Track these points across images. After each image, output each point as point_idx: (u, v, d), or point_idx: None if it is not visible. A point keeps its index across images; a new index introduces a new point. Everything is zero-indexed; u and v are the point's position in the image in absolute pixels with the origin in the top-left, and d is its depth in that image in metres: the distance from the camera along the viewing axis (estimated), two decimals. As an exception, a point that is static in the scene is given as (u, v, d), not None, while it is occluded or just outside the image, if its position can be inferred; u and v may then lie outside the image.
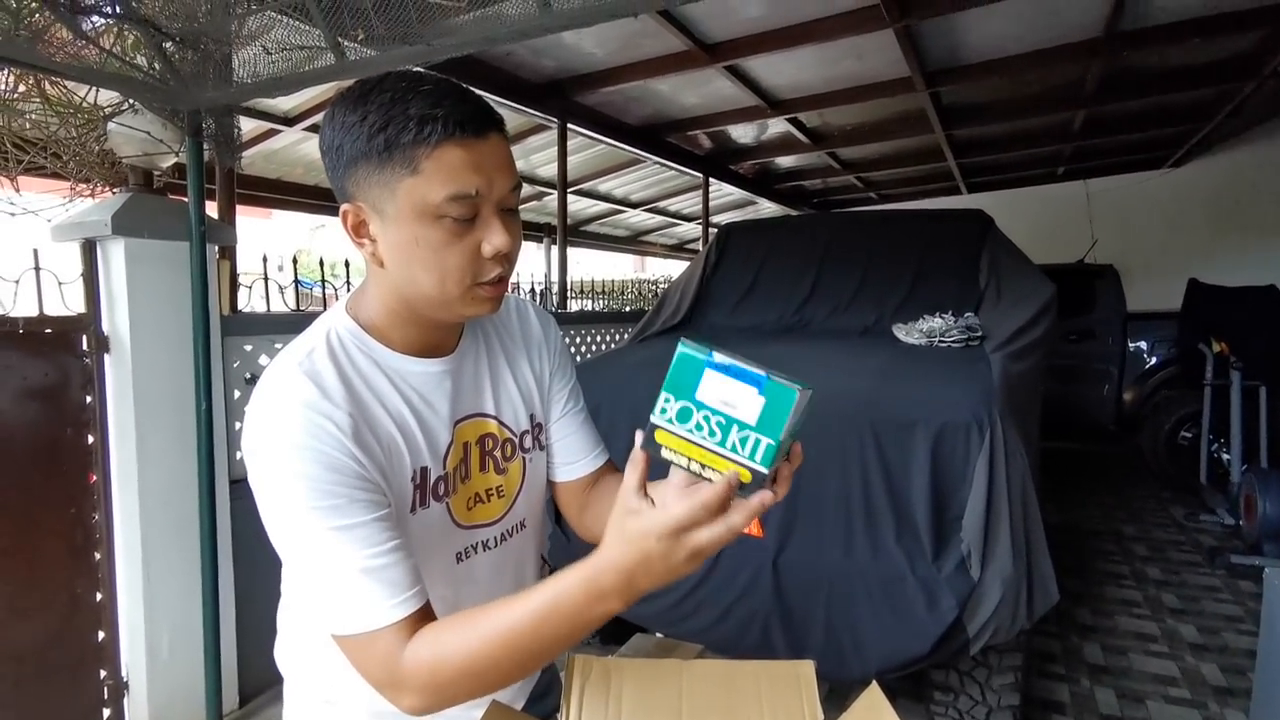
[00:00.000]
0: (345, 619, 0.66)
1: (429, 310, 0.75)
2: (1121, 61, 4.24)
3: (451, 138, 0.67)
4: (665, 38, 3.44)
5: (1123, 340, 5.29)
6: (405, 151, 0.67)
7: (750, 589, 2.01)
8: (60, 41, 1.78)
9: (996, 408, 1.85)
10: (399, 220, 0.70)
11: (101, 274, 2.13)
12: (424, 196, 0.68)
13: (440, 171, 0.67)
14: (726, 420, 0.58)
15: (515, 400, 0.89)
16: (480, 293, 0.73)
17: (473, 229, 0.71)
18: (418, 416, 0.78)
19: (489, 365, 0.88)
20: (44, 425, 2.02)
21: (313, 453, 0.67)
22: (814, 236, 3.43)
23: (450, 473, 0.81)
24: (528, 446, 0.90)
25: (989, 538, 1.74)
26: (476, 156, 0.69)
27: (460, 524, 0.83)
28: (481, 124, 0.70)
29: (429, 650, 0.65)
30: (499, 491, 0.86)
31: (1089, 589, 3.36)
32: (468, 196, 0.69)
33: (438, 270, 0.71)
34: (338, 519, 0.66)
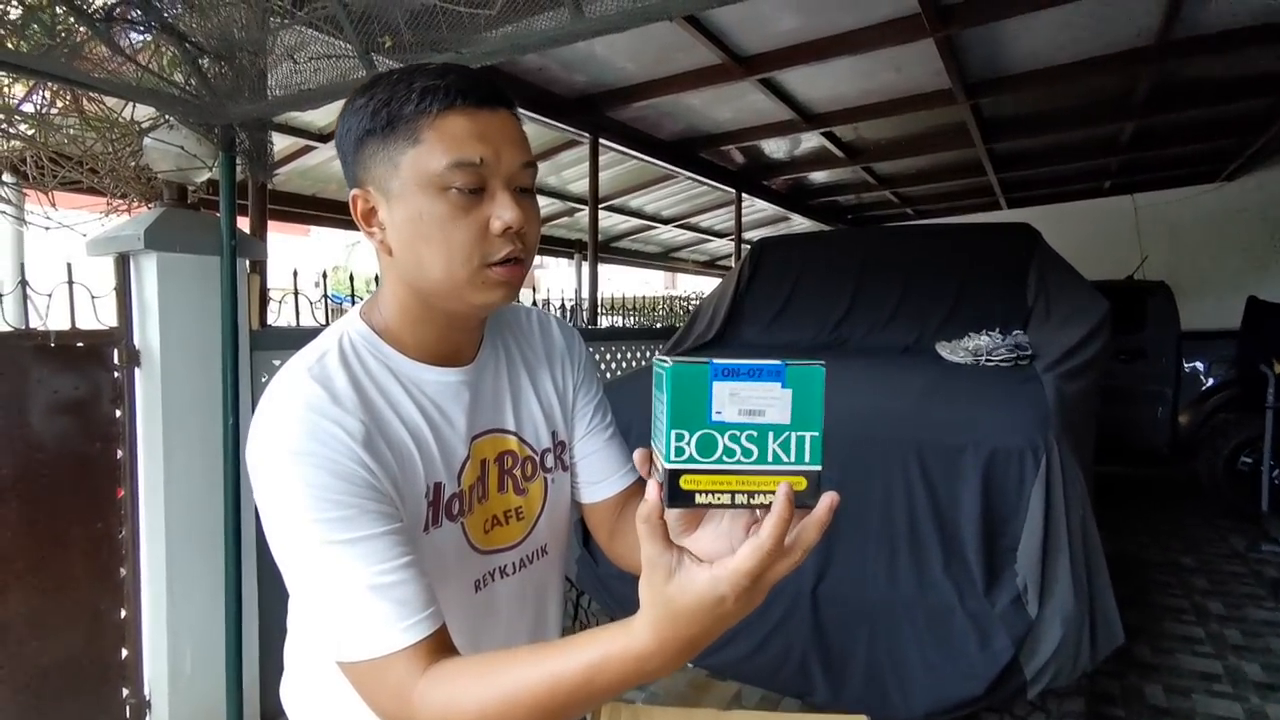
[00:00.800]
0: (352, 643, 0.60)
1: (440, 300, 0.70)
2: (1173, 71, 4.08)
3: (454, 106, 0.65)
4: (699, 51, 3.40)
5: (1177, 360, 5.07)
6: (408, 123, 0.65)
7: (787, 620, 1.91)
8: (98, 58, 1.80)
9: (1052, 431, 1.73)
10: (404, 196, 0.66)
11: (134, 288, 2.14)
12: (426, 166, 0.65)
13: (442, 139, 0.65)
14: (759, 430, 0.50)
15: (537, 416, 0.84)
16: (491, 275, 0.68)
17: (480, 203, 0.67)
18: (433, 428, 0.73)
19: (509, 378, 0.82)
20: (73, 439, 2.02)
21: (319, 459, 0.62)
22: (851, 251, 3.34)
23: (466, 490, 0.75)
24: (549, 465, 0.84)
25: (1047, 571, 1.62)
26: (481, 126, 0.66)
27: (477, 548, 0.77)
28: (486, 95, 0.67)
29: (444, 695, 0.58)
30: (519, 513, 0.81)
31: (1147, 624, 3.20)
32: (471, 164, 0.65)
33: (444, 248, 0.66)
34: (344, 532, 0.61)
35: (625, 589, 2.24)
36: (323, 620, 0.62)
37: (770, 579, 0.50)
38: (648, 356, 4.60)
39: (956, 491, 1.77)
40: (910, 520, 1.81)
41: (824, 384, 0.51)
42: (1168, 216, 7.37)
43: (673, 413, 0.49)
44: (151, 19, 1.70)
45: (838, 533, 1.91)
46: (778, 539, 0.48)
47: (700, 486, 0.50)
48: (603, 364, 4.15)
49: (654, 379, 0.55)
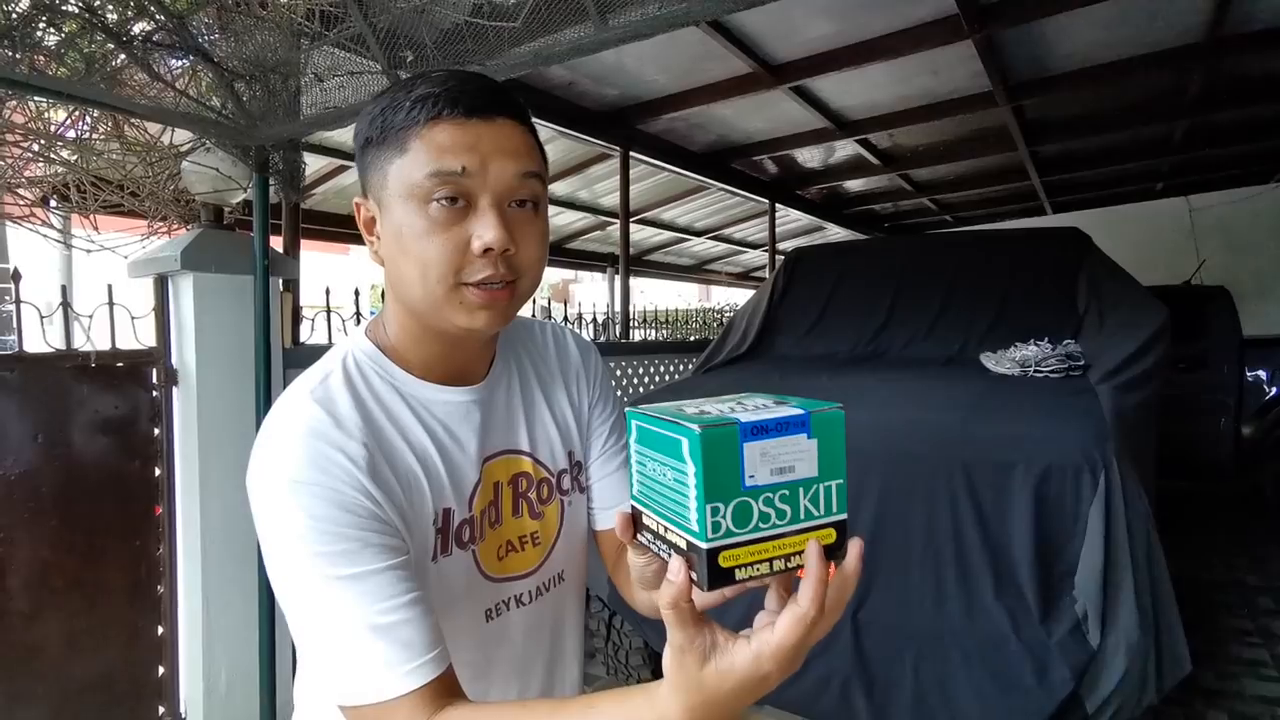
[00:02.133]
0: (353, 687, 0.57)
1: (425, 315, 0.66)
2: (1226, 68, 3.91)
3: (442, 116, 0.62)
4: (729, 60, 3.36)
5: (1239, 369, 4.82)
6: (397, 132, 0.63)
7: (826, 645, 1.83)
8: (137, 84, 1.84)
9: (1111, 447, 1.63)
10: (391, 207, 0.64)
11: (172, 308, 2.17)
12: (410, 176, 0.62)
13: (426, 149, 0.61)
14: (790, 488, 0.45)
15: (552, 436, 0.79)
16: (468, 296, 0.63)
17: (464, 219, 0.62)
18: (442, 451, 0.69)
19: (523, 397, 0.78)
20: (113, 457, 2.05)
21: (320, 489, 0.59)
22: (889, 260, 3.25)
23: (477, 516, 0.71)
24: (566, 488, 0.80)
25: (1109, 598, 1.52)
26: (471, 136, 0.62)
27: (489, 576, 0.72)
28: (481, 103, 0.63)
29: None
30: (534, 539, 0.76)
31: (1211, 648, 3.02)
32: (452, 174, 0.61)
33: (419, 262, 0.62)
34: (346, 566, 0.57)
35: (659, 610, 2.18)
36: (323, 660, 0.58)
37: (810, 644, 0.45)
38: (681, 370, 4.55)
39: (1007, 512, 1.68)
40: (957, 542, 1.72)
41: (845, 427, 0.47)
42: (1225, 218, 7.05)
43: (705, 484, 0.44)
44: (188, 45, 1.73)
45: (879, 555, 1.82)
46: (819, 604, 0.44)
47: (740, 561, 0.45)
48: (635, 378, 4.11)
49: (641, 436, 0.50)
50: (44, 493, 1.90)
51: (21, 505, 1.87)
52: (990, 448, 1.76)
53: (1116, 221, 7.15)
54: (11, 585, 1.85)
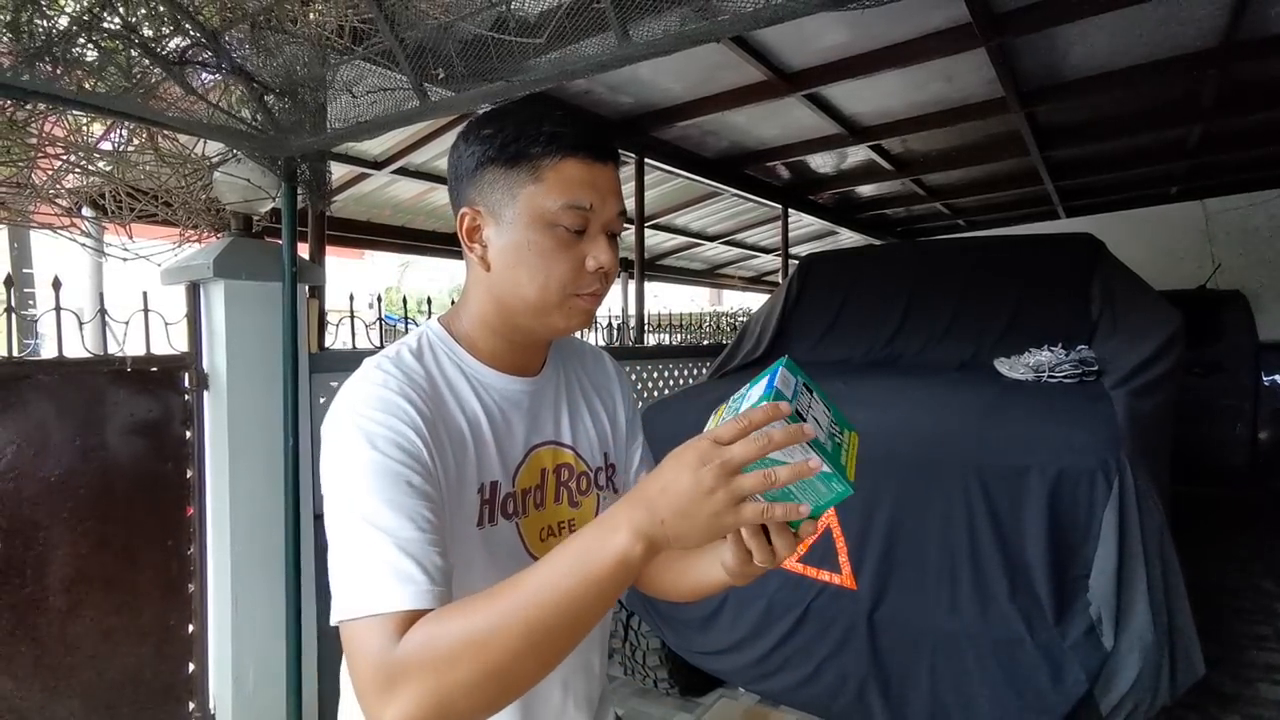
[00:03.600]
0: (350, 600, 0.60)
1: (525, 317, 0.77)
2: (1242, 72, 3.90)
3: (574, 155, 0.73)
4: (744, 69, 3.40)
5: (1256, 374, 4.80)
6: (532, 161, 0.73)
7: (843, 646, 1.86)
8: (172, 97, 1.90)
9: (1125, 451, 1.65)
10: (515, 224, 0.74)
11: (203, 314, 2.23)
12: (542, 203, 0.73)
13: (560, 182, 0.73)
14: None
15: (592, 435, 0.88)
16: (577, 303, 0.76)
17: (580, 242, 0.74)
18: (493, 427, 0.78)
19: (568, 397, 0.88)
20: (146, 460, 2.11)
21: (382, 427, 0.67)
22: (902, 265, 3.27)
23: (519, 492, 0.79)
24: (602, 484, 0.88)
25: (1123, 601, 1.54)
26: (593, 176, 0.74)
27: (533, 554, 0.79)
28: (602, 149, 0.75)
29: (423, 633, 0.57)
30: (571, 526, 0.84)
31: (1227, 653, 3.03)
32: (581, 208, 0.73)
33: (543, 274, 0.74)
34: (383, 492, 0.64)
35: (673, 610, 2.21)
36: (336, 574, 0.63)
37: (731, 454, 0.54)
38: (696, 374, 4.58)
39: (1021, 515, 1.70)
40: (972, 545, 1.74)
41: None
42: (1241, 222, 7.00)
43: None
44: (221, 60, 1.79)
45: (894, 558, 1.85)
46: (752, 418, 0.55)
47: None
48: (650, 382, 4.15)
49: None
50: (82, 493, 1.97)
51: (60, 505, 1.93)
52: (1004, 452, 1.79)
53: (1131, 225, 7.12)
54: (51, 583, 1.91)
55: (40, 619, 1.89)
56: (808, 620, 1.92)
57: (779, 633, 1.96)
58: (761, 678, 2.03)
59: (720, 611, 2.10)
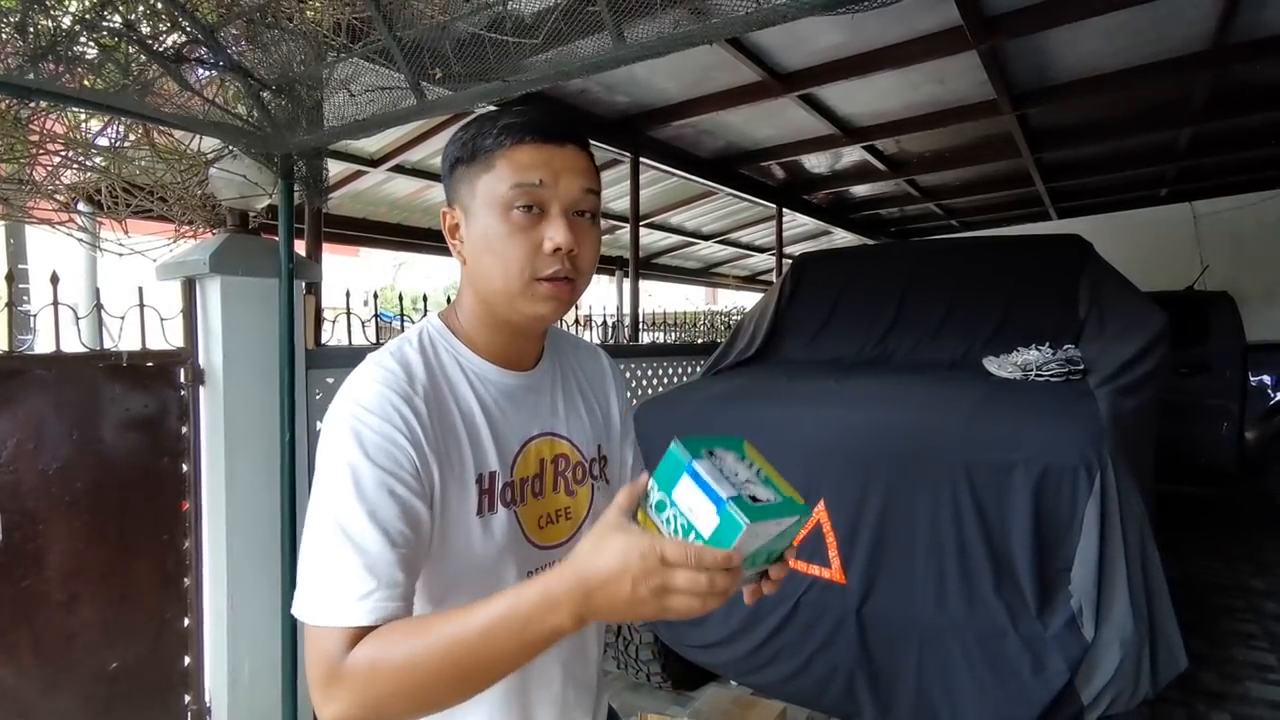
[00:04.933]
0: (316, 604, 0.65)
1: (499, 306, 0.79)
2: (1232, 75, 3.95)
3: (523, 141, 0.76)
4: (739, 69, 3.43)
5: (1243, 374, 4.85)
6: (486, 153, 0.77)
7: (832, 639, 1.89)
8: (168, 94, 1.92)
9: (1107, 448, 1.68)
10: (477, 214, 0.78)
11: (199, 310, 2.25)
12: (495, 188, 0.76)
13: (510, 166, 0.75)
14: (688, 525, 0.59)
15: (586, 427, 0.92)
16: (539, 289, 0.76)
17: (538, 225, 0.76)
18: (489, 419, 0.81)
19: (564, 390, 0.91)
20: (142, 454, 2.12)
21: (375, 426, 0.70)
22: (895, 265, 3.30)
23: (517, 481, 0.82)
24: (596, 474, 0.92)
25: (1103, 593, 1.57)
26: (546, 156, 0.76)
27: (532, 540, 0.83)
28: (555, 131, 0.77)
29: (370, 650, 0.62)
30: (567, 514, 0.87)
31: (1214, 650, 3.05)
32: (530, 185, 0.75)
33: (502, 260, 0.76)
34: (368, 501, 0.67)
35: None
36: (304, 566, 0.67)
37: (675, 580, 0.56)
38: (689, 372, 4.61)
39: (1007, 510, 1.73)
40: (959, 540, 1.77)
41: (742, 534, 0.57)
42: (1230, 224, 7.07)
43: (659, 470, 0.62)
44: (218, 57, 1.80)
45: (884, 552, 1.88)
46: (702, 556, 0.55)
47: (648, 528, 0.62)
48: (644, 379, 4.17)
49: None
50: (78, 487, 1.98)
51: (58, 499, 1.94)
52: (991, 449, 1.82)
53: (1121, 227, 7.18)
54: (48, 576, 1.93)
55: (38, 611, 1.91)
56: (798, 614, 1.95)
57: (770, 626, 1.98)
58: (753, 670, 2.05)
59: (712, 606, 2.12)
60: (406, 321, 3.30)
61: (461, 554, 0.76)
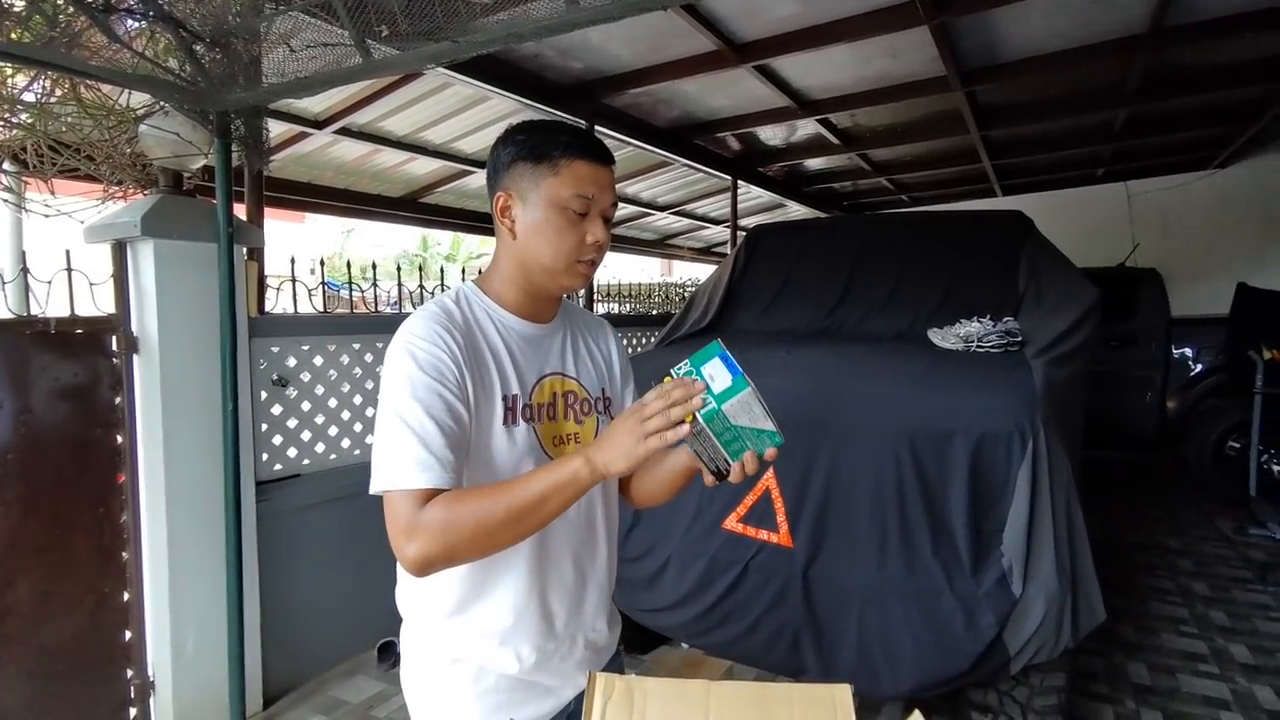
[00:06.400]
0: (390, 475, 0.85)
1: (541, 276, 1.02)
2: (1167, 58, 4.09)
3: (583, 157, 0.99)
4: (694, 38, 3.39)
5: (1166, 347, 5.11)
6: (553, 160, 0.98)
7: (779, 601, 1.95)
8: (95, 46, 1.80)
9: (1039, 416, 1.77)
10: (537, 206, 0.99)
11: (131, 275, 2.15)
12: (558, 192, 0.98)
13: (572, 177, 0.98)
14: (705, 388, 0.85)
15: (591, 373, 1.13)
16: (578, 268, 1.02)
17: (582, 223, 1.00)
18: (512, 356, 1.03)
19: (572, 342, 1.13)
20: (74, 425, 2.04)
21: (426, 348, 0.93)
22: (846, 239, 3.35)
23: (535, 405, 1.03)
24: (601, 410, 1.12)
25: (1031, 552, 1.66)
26: (595, 174, 1.00)
27: (547, 451, 1.02)
28: (604, 155, 1.02)
29: (440, 508, 0.83)
30: (575, 438, 1.07)
31: (1132, 605, 3.24)
32: (585, 197, 0.99)
33: (555, 244, 1.00)
34: (421, 394, 0.89)
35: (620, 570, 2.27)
36: (379, 451, 0.88)
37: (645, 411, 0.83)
38: (645, 343, 4.62)
39: (946, 476, 1.81)
40: (900, 504, 1.85)
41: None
42: (1160, 204, 7.38)
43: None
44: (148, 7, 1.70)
45: (828, 517, 1.94)
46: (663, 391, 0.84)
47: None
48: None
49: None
50: (9, 459, 1.90)
51: (-18, 472, 1.86)
52: (933, 418, 1.89)
53: (1060, 205, 7.43)
54: (-26, 551, 1.85)
55: (-36, 588, 1.84)
56: (747, 577, 2.01)
57: (720, 589, 2.04)
58: (703, 632, 2.11)
59: (664, 570, 2.17)
60: (356, 289, 3.22)
61: (492, 453, 0.97)
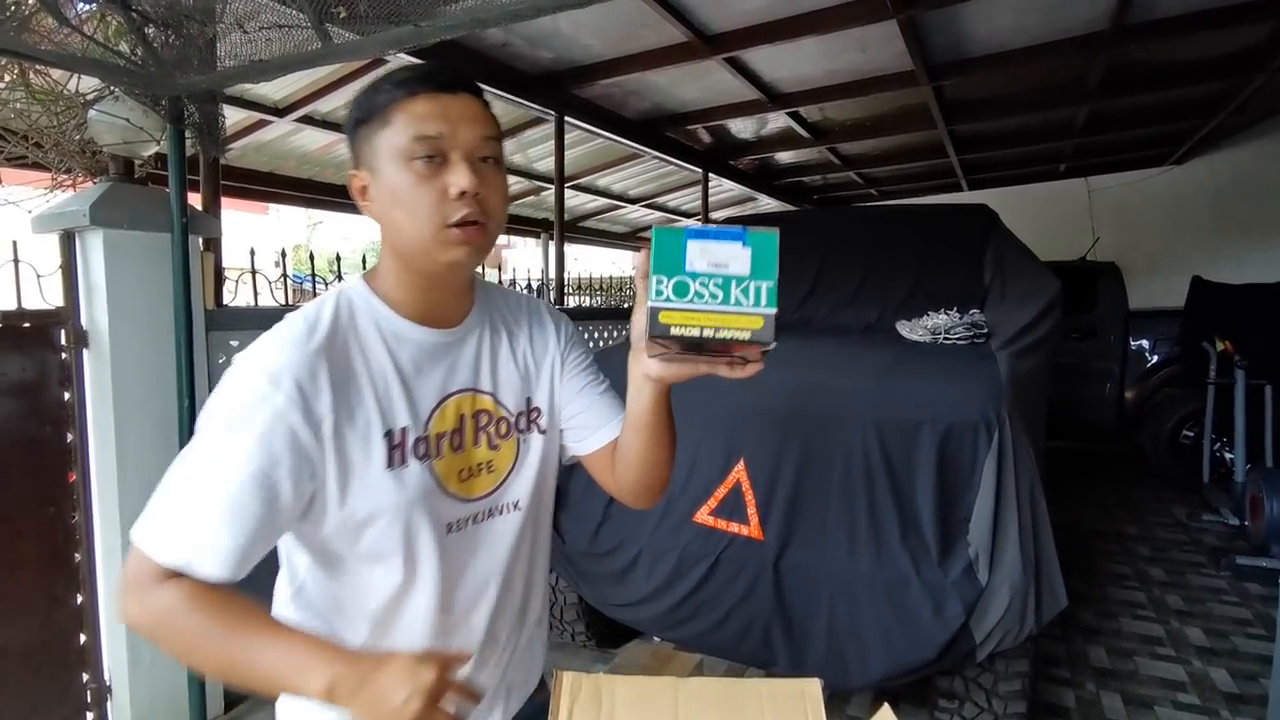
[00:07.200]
0: (153, 535, 0.70)
1: (415, 260, 0.80)
2: (1127, 55, 4.18)
3: (416, 94, 0.76)
4: (664, 28, 3.37)
5: (1124, 338, 5.25)
6: (382, 110, 0.77)
7: (750, 593, 1.96)
8: (45, 30, 1.72)
9: (1005, 406, 1.79)
10: (382, 170, 0.78)
11: (80, 266, 2.07)
12: (395, 142, 0.76)
13: (407, 119, 0.76)
14: (724, 280, 0.61)
15: (514, 382, 0.92)
16: (450, 235, 0.77)
17: (440, 172, 0.76)
18: (402, 378, 0.82)
19: (491, 345, 0.91)
20: (21, 423, 1.96)
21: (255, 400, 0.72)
22: (815, 232, 3.37)
23: (433, 436, 0.83)
24: (523, 428, 0.92)
25: (997, 541, 1.69)
26: (441, 107, 0.77)
27: (451, 493, 0.84)
28: (447, 81, 0.78)
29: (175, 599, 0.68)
30: (489, 467, 0.88)
31: (1092, 590, 3.33)
32: (429, 137, 0.75)
33: (410, 210, 0.76)
34: (227, 467, 0.70)
35: (590, 565, 2.26)
36: (157, 505, 0.71)
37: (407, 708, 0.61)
38: (616, 336, 4.61)
39: (914, 466, 1.83)
40: (869, 495, 1.86)
41: (778, 245, 0.61)
42: (1119, 199, 7.57)
43: (655, 263, 0.61)
44: (94, -15, 1.63)
45: (798, 508, 1.95)
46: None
47: (674, 321, 0.61)
48: (569, 344, 4.13)
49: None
50: (-53, 459, 1.82)
51: (-79, 472, 1.78)
52: (900, 408, 1.90)
53: (1024, 200, 7.58)
54: (-87, 555, 1.77)
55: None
56: (718, 570, 2.01)
57: (691, 582, 2.04)
58: (674, 625, 2.11)
59: (635, 565, 2.16)
60: (320, 283, 3.14)
61: (368, 504, 0.78)
